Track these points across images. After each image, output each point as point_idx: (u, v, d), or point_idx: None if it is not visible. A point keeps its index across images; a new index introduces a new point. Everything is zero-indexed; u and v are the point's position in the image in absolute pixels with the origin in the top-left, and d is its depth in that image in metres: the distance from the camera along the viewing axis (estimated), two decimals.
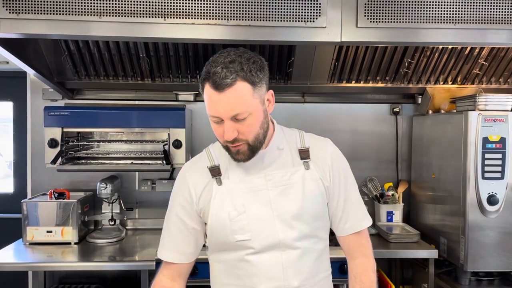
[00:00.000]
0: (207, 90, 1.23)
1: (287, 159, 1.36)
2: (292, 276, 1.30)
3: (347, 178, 1.42)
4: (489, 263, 2.39)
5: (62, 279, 2.96)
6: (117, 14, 2.04)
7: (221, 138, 1.28)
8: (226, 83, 1.18)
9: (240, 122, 1.22)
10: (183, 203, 1.36)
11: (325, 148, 1.40)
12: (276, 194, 1.31)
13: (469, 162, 2.36)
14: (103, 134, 2.99)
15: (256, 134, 1.26)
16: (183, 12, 2.05)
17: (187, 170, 1.42)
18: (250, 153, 1.27)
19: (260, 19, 2.08)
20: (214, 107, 1.23)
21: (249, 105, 1.22)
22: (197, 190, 1.35)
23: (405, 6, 2.13)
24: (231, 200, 1.31)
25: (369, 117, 3.18)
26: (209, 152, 1.42)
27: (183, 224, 1.37)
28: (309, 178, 1.34)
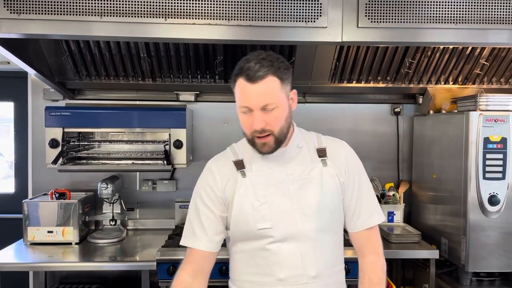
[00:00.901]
0: (240, 83, 1.33)
1: (305, 157, 1.45)
2: (310, 266, 1.36)
3: (360, 176, 1.49)
4: (490, 264, 2.39)
5: (63, 279, 2.97)
6: (118, 14, 2.04)
7: (249, 129, 1.36)
8: (259, 75, 1.30)
9: (268, 113, 1.32)
10: (210, 192, 1.43)
11: (341, 148, 1.51)
12: (296, 188, 1.39)
13: (470, 162, 2.35)
14: (104, 134, 2.99)
15: (281, 126, 1.35)
16: (184, 12, 2.05)
17: (213, 163, 1.50)
18: (275, 145, 1.36)
19: (261, 19, 2.08)
20: (246, 98, 1.32)
21: (277, 98, 1.33)
22: (223, 180, 1.43)
23: (406, 6, 2.13)
24: (254, 191, 1.39)
25: (370, 117, 3.18)
26: (233, 148, 1.52)
27: (211, 212, 1.42)
28: (327, 174, 1.43)
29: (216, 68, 2.79)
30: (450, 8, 2.14)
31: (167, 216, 3.07)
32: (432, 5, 2.14)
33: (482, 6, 2.15)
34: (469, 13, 2.15)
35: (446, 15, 2.14)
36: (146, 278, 2.44)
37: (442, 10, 2.14)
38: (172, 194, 3.09)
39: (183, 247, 2.53)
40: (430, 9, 2.14)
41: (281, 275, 1.36)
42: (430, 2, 2.13)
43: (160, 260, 2.36)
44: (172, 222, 3.01)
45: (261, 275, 1.38)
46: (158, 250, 2.42)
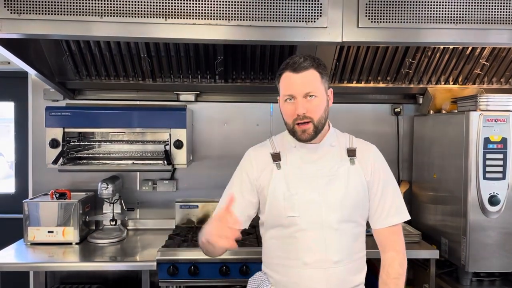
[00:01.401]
0: (286, 75, 1.52)
1: (336, 155, 1.60)
2: (333, 252, 1.51)
3: (386, 177, 1.62)
4: (491, 264, 2.39)
5: (63, 279, 2.97)
6: (118, 14, 2.04)
7: (291, 117, 1.51)
8: (303, 66, 1.49)
9: (309, 101, 1.49)
10: (245, 178, 1.60)
11: (369, 150, 1.66)
12: (324, 182, 1.53)
13: (470, 162, 2.36)
14: (104, 134, 2.99)
15: (320, 115, 1.52)
16: (184, 12, 2.06)
17: (252, 152, 1.66)
18: (313, 132, 1.52)
19: (261, 19, 2.08)
20: (291, 86, 1.50)
21: (317, 88, 1.51)
22: (259, 168, 1.59)
23: (406, 6, 2.13)
24: (286, 182, 1.54)
25: (370, 117, 3.18)
26: (272, 141, 1.67)
27: (241, 196, 1.58)
28: (353, 172, 1.57)
29: (216, 68, 2.79)
30: (450, 8, 2.14)
31: (168, 216, 3.07)
32: (432, 5, 2.14)
33: (482, 6, 2.15)
34: (469, 13, 2.15)
35: (446, 15, 2.14)
36: (146, 278, 2.44)
37: (442, 10, 2.14)
38: (172, 194, 3.10)
39: (183, 247, 2.55)
40: (430, 9, 2.14)
41: (306, 259, 1.51)
42: (430, 2, 2.14)
43: (161, 260, 2.36)
44: (173, 222, 3.01)
45: (289, 259, 1.53)
46: (158, 250, 2.42)
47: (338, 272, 1.52)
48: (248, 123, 3.10)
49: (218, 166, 3.10)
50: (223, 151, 3.12)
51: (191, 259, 2.36)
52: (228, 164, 3.00)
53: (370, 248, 2.59)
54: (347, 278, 1.55)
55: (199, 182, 3.11)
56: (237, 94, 3.09)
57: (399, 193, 1.63)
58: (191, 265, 2.34)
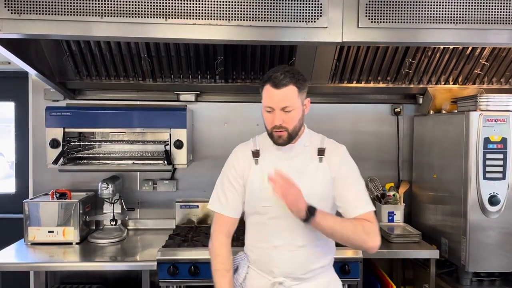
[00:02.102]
0: (267, 88, 1.69)
1: (308, 154, 1.79)
2: (298, 238, 1.72)
3: (352, 175, 1.77)
4: (491, 264, 2.39)
5: (64, 279, 2.97)
6: (118, 15, 2.04)
7: (270, 124, 1.71)
8: (283, 83, 1.66)
9: (286, 114, 1.68)
10: (233, 171, 1.82)
11: (337, 150, 1.80)
12: (295, 178, 1.67)
13: (470, 163, 2.36)
14: (105, 135, 2.99)
15: (294, 125, 1.71)
16: (185, 12, 2.06)
17: (238, 149, 1.88)
18: (288, 139, 1.72)
19: (262, 19, 2.08)
20: (271, 100, 1.68)
21: (294, 102, 1.68)
22: (244, 163, 1.81)
23: (406, 6, 2.13)
24: (262, 176, 1.74)
25: (370, 117, 3.18)
26: (255, 139, 1.88)
27: (233, 187, 1.81)
28: (321, 169, 1.76)
29: (217, 68, 2.79)
30: (450, 8, 2.14)
31: (168, 216, 3.07)
32: (432, 5, 2.14)
33: (482, 6, 2.15)
34: (469, 13, 2.15)
35: (446, 15, 2.15)
36: (146, 278, 2.44)
37: (442, 10, 2.14)
38: (173, 194, 3.10)
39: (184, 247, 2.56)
40: (430, 9, 2.14)
41: (275, 242, 1.73)
42: (430, 2, 2.14)
43: (161, 260, 2.37)
44: (173, 222, 3.02)
45: (262, 242, 1.76)
46: (158, 250, 2.42)
47: (302, 255, 1.73)
48: (248, 123, 3.10)
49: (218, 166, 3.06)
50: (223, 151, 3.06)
51: (191, 259, 2.36)
52: None
53: None
54: (311, 260, 1.74)
55: (199, 182, 3.11)
56: (237, 94, 3.09)
57: (363, 187, 1.78)
58: (191, 265, 2.34)
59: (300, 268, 1.73)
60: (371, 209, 1.73)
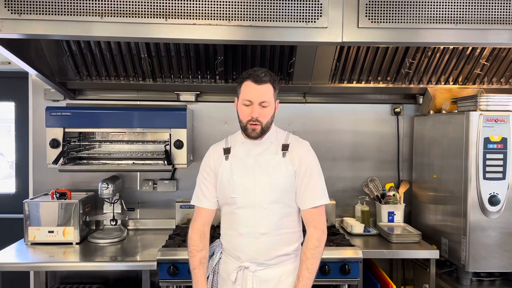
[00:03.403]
0: (247, 84, 1.83)
1: (273, 149, 1.93)
2: (261, 226, 1.86)
3: (311, 168, 1.91)
4: (491, 264, 2.39)
5: (64, 279, 2.97)
6: (118, 15, 2.04)
7: (246, 118, 1.85)
8: (264, 80, 1.82)
9: (262, 109, 1.83)
10: (207, 168, 1.98)
11: (300, 145, 1.95)
12: (259, 171, 1.88)
13: (470, 162, 2.36)
14: (105, 135, 2.99)
15: (267, 120, 1.87)
16: (185, 12, 2.06)
17: (211, 148, 2.04)
18: (260, 132, 1.87)
19: (262, 19, 2.08)
20: (251, 94, 1.82)
21: (270, 99, 1.85)
22: (216, 159, 1.97)
23: (406, 7, 2.14)
24: (231, 170, 1.91)
25: (370, 117, 3.18)
26: (227, 138, 2.03)
27: (208, 181, 1.97)
28: (283, 163, 1.90)
29: (217, 68, 2.79)
30: (450, 8, 2.15)
31: (168, 216, 3.07)
32: (432, 5, 2.14)
33: (482, 6, 2.15)
34: (469, 13, 2.15)
35: (446, 15, 2.15)
36: (146, 278, 2.44)
37: (442, 10, 2.14)
38: (173, 194, 3.10)
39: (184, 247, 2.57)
40: (430, 9, 2.14)
41: (240, 230, 1.88)
42: (430, 2, 2.14)
43: (161, 260, 2.37)
44: (173, 222, 3.02)
45: (230, 229, 1.92)
46: (158, 250, 2.42)
47: (265, 242, 1.86)
48: None
49: None
50: None
51: None
52: None
53: (370, 247, 2.61)
54: (274, 247, 1.87)
55: None
56: None
57: (322, 181, 1.92)
58: None
59: (263, 254, 1.87)
60: (321, 203, 1.89)
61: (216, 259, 2.00)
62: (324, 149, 3.07)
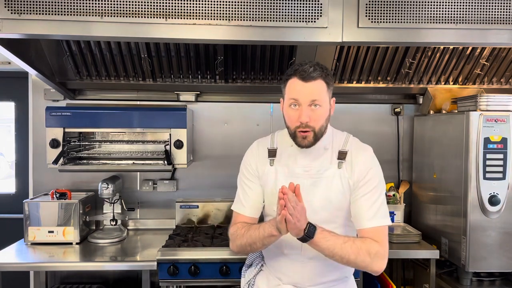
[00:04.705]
0: (293, 81, 1.57)
1: (327, 157, 1.66)
2: (309, 249, 1.56)
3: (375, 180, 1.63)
4: (491, 264, 2.39)
5: (64, 279, 2.97)
6: (118, 15, 2.04)
7: (294, 123, 1.57)
8: (312, 76, 1.54)
9: (313, 110, 1.55)
10: (249, 168, 1.72)
11: (362, 154, 1.67)
12: (309, 183, 1.62)
13: (470, 163, 2.36)
14: (105, 134, 2.99)
15: (321, 125, 1.58)
16: (185, 12, 2.06)
17: (255, 145, 1.77)
18: (313, 140, 1.59)
19: (262, 19, 2.08)
20: (298, 93, 1.55)
21: (323, 98, 1.56)
22: (260, 159, 1.71)
23: (406, 6, 2.13)
24: (275, 179, 1.66)
25: (370, 117, 3.18)
26: (273, 136, 1.76)
27: (252, 183, 1.71)
28: (339, 176, 1.63)
29: (217, 68, 2.79)
30: (450, 8, 2.14)
31: (168, 216, 3.07)
32: (432, 5, 2.14)
33: (482, 6, 2.15)
34: (469, 13, 2.15)
35: (446, 15, 2.14)
36: (146, 278, 2.44)
37: (442, 10, 2.14)
38: (173, 194, 3.10)
39: (184, 247, 2.57)
40: (430, 9, 2.14)
41: (284, 250, 1.65)
42: (430, 2, 2.14)
43: (161, 260, 2.36)
44: (173, 222, 3.01)
45: (274, 246, 1.63)
46: (158, 250, 2.42)
47: (312, 267, 1.64)
48: (248, 123, 3.10)
49: (218, 166, 3.10)
50: (223, 151, 3.12)
51: (191, 259, 2.36)
52: (228, 164, 3.03)
53: None
54: (322, 273, 1.65)
55: (199, 182, 3.11)
56: (237, 94, 3.09)
57: (384, 198, 1.64)
58: (191, 265, 2.34)
59: (308, 280, 1.66)
60: (384, 223, 1.59)
61: (254, 272, 1.78)
62: None
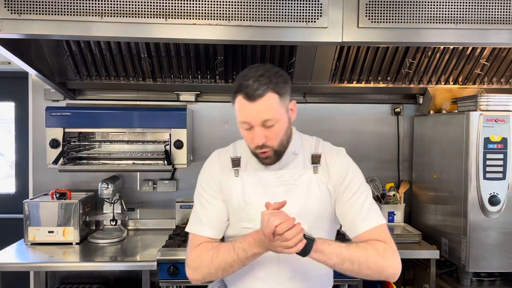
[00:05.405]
0: (240, 101, 1.37)
1: (300, 163, 1.48)
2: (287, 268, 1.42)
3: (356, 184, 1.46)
4: (491, 264, 2.39)
5: (64, 279, 2.97)
6: (118, 15, 2.04)
7: (251, 144, 1.41)
8: (258, 94, 1.33)
9: (268, 129, 1.36)
10: (210, 182, 1.50)
11: (336, 156, 1.50)
12: (282, 192, 1.43)
13: (470, 163, 2.36)
14: (105, 135, 2.99)
15: (281, 140, 1.40)
16: (185, 12, 2.06)
17: (215, 155, 1.57)
18: (276, 157, 1.42)
19: (262, 19, 2.08)
20: (246, 115, 1.36)
21: (277, 113, 1.36)
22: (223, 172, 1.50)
23: (406, 6, 2.13)
24: (242, 191, 1.45)
25: (371, 117, 3.18)
26: (235, 145, 1.57)
27: (214, 199, 1.48)
28: (316, 181, 1.45)
29: (217, 68, 2.79)
30: (450, 8, 2.14)
31: (168, 216, 3.07)
32: (432, 5, 2.14)
33: (482, 6, 2.15)
34: (469, 13, 2.15)
35: (446, 15, 2.14)
36: (146, 278, 2.44)
37: (442, 10, 2.14)
38: (173, 194, 3.10)
39: (184, 247, 2.56)
40: (430, 9, 2.14)
41: (258, 273, 1.43)
42: (430, 2, 2.14)
43: (161, 260, 2.36)
44: (173, 222, 3.01)
45: (243, 272, 1.42)
46: (158, 250, 2.42)
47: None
48: None
49: None
50: None
51: None
52: None
53: None
54: None
55: None
56: None
57: (369, 196, 1.47)
58: None
59: None
60: (380, 222, 1.43)
61: None
62: None
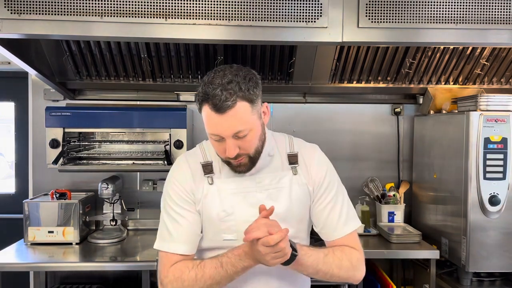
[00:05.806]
0: (207, 111, 1.24)
1: (277, 164, 1.40)
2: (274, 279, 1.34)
3: (333, 184, 1.42)
4: (491, 264, 2.39)
5: (64, 279, 2.97)
6: (118, 15, 2.04)
7: (222, 155, 1.30)
8: (227, 105, 1.20)
9: (241, 139, 1.26)
10: (180, 192, 1.37)
11: (312, 154, 1.43)
12: (264, 197, 1.34)
13: (470, 163, 2.35)
14: (105, 135, 2.99)
15: (255, 147, 1.30)
16: (185, 12, 2.06)
17: (182, 161, 1.42)
18: (250, 164, 1.32)
19: (262, 19, 2.08)
20: (216, 127, 1.25)
21: (249, 122, 1.25)
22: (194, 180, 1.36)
23: (406, 6, 2.13)
24: (220, 200, 1.34)
25: (371, 117, 3.18)
26: (202, 148, 1.42)
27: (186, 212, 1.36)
28: (296, 183, 1.38)
29: None
30: (450, 8, 2.14)
31: None
32: (432, 5, 2.14)
33: (482, 6, 2.15)
34: (469, 13, 2.15)
35: (446, 15, 2.14)
36: (146, 278, 2.44)
37: (442, 10, 2.14)
38: None
39: None
40: (430, 9, 2.14)
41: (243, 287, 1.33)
42: (430, 2, 2.14)
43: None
44: None
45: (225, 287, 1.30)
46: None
47: None
48: None
49: None
50: None
51: None
52: None
53: (370, 247, 2.61)
54: None
55: None
56: None
57: (347, 198, 1.43)
58: None
59: None
60: (354, 227, 1.39)
61: None
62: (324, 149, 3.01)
